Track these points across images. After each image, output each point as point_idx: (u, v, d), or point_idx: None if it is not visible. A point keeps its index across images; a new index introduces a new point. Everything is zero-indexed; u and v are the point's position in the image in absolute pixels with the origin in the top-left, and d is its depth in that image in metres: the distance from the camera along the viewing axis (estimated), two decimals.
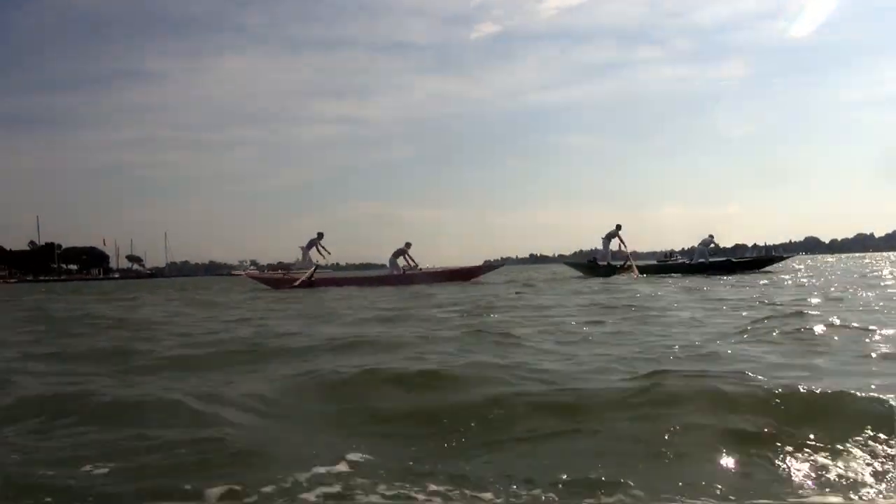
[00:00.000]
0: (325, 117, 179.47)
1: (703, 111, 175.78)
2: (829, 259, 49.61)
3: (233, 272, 28.92)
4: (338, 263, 19.61)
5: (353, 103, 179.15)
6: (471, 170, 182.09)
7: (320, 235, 18.76)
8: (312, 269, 18.22)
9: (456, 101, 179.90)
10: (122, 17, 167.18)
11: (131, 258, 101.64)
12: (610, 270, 19.32)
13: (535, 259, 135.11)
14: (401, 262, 18.49)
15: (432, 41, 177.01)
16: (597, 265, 20.12)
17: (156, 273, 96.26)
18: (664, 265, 21.91)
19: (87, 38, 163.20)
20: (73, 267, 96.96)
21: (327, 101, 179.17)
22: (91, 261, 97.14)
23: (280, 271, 20.20)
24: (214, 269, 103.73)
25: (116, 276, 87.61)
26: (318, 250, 18.64)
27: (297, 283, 17.44)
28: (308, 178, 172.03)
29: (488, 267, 21.22)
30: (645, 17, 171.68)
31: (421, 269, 18.46)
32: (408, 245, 18.64)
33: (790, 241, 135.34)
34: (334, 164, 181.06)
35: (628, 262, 19.89)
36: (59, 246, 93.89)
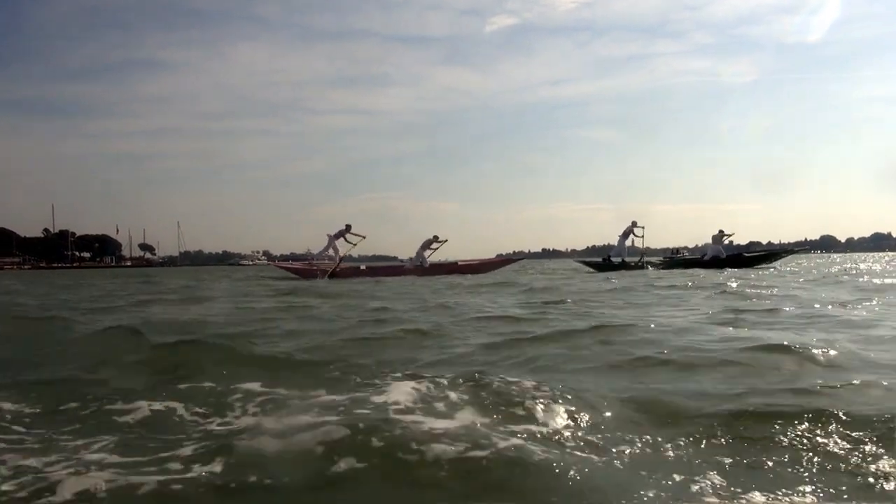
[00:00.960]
0: (339, 107, 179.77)
1: (721, 106, 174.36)
2: (836, 257, 48.76)
3: (241, 262, 29.54)
4: (350, 255, 19.87)
5: (368, 94, 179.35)
6: (484, 163, 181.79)
7: (348, 227, 19.06)
8: (339, 260, 18.72)
9: (470, 94, 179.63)
10: (139, 7, 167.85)
11: (143, 247, 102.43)
12: (624, 267, 19.22)
13: (547, 253, 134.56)
14: (427, 253, 19.02)
15: (448, 33, 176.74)
16: (611, 262, 19.94)
17: (168, 262, 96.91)
18: (677, 260, 21.70)
19: (103, 28, 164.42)
20: (86, 255, 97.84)
21: (341, 92, 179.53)
22: (103, 249, 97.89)
23: (308, 262, 20.32)
24: (227, 259, 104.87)
25: (128, 264, 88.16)
26: (346, 241, 18.99)
27: (327, 275, 17.54)
28: (321, 169, 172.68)
29: (511, 260, 22.01)
30: (662, 11, 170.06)
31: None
32: (435, 237, 19.16)
33: (805, 240, 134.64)
34: (347, 154, 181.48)
35: (642, 259, 19.87)
36: (73, 234, 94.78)
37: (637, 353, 3.32)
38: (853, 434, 1.97)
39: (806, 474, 1.75)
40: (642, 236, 20.19)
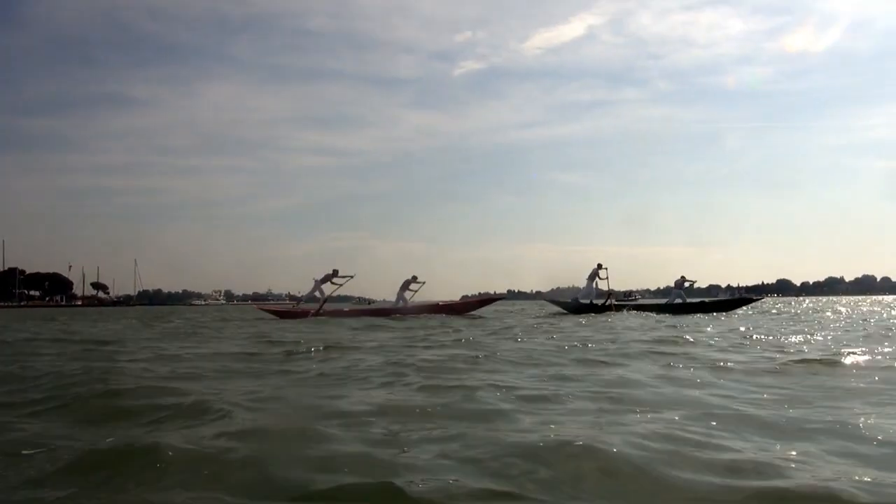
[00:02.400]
0: (309, 147, 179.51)
1: (683, 152, 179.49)
2: (805, 301, 49.86)
3: (193, 302, 28.93)
4: (315, 295, 19.55)
5: (339, 134, 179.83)
6: (452, 204, 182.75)
7: (335, 272, 19.33)
8: (322, 302, 19.00)
9: (439, 136, 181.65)
10: (109, 42, 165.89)
11: (96, 285, 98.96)
12: (593, 309, 19.72)
13: (513, 294, 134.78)
14: (408, 294, 19.37)
15: (418, 76, 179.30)
16: (580, 304, 20.24)
17: (122, 301, 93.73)
18: (644, 305, 22.51)
19: (72, 62, 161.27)
20: (35, 293, 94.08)
21: (312, 131, 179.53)
22: (54, 287, 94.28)
23: (291, 303, 20.66)
24: (186, 299, 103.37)
25: (79, 303, 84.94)
26: (332, 283, 19.25)
27: (311, 313, 18.16)
28: (289, 208, 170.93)
29: (491, 299, 22.40)
30: (627, 59, 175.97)
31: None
32: (414, 277, 19.54)
33: (762, 283, 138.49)
34: (315, 193, 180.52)
35: (610, 301, 20.28)
36: (23, 272, 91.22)
37: None
38: None
39: None
40: (606, 278, 20.60)
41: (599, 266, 20.48)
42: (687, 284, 21.81)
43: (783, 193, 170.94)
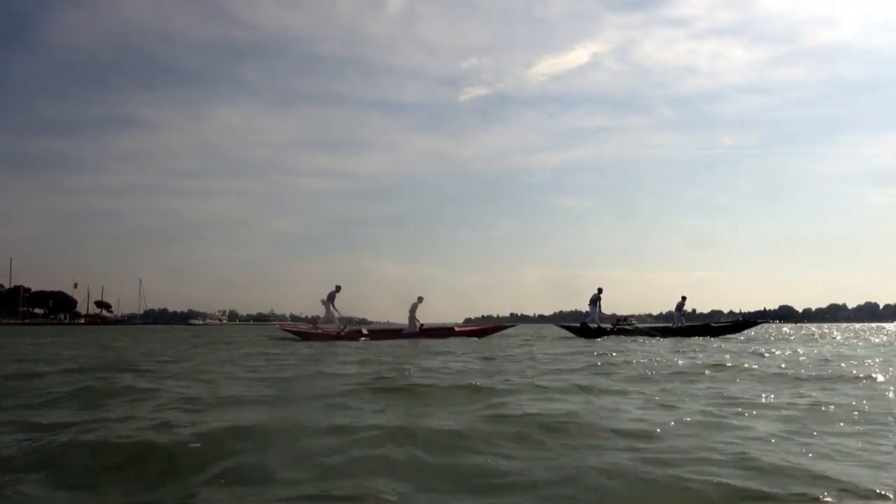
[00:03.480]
0: (315, 169, 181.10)
1: (687, 178, 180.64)
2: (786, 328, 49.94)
3: (191, 321, 29.16)
4: (317, 317, 19.78)
5: (345, 157, 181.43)
6: (456, 227, 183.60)
7: (338, 288, 19.07)
8: (344, 324, 18.98)
9: (445, 160, 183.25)
10: (121, 66, 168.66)
11: (100, 304, 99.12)
12: (600, 333, 19.86)
13: (515, 318, 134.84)
14: (418, 321, 19.30)
15: (424, 101, 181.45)
16: (588, 328, 20.42)
17: (125, 320, 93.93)
18: (643, 329, 21.89)
19: (84, 85, 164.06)
20: (39, 311, 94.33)
21: (318, 154, 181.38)
22: (58, 305, 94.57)
23: (311, 325, 20.72)
24: (191, 318, 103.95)
25: (82, 321, 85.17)
26: (333, 306, 19.01)
27: (332, 336, 18.08)
28: (294, 229, 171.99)
29: (503, 326, 22.75)
30: (631, 87, 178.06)
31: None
32: (420, 298, 19.53)
33: (765, 309, 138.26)
34: (321, 215, 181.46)
35: (617, 325, 20.55)
36: (28, 290, 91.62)
37: None
38: None
39: None
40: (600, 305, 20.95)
41: (600, 290, 20.88)
42: (688, 309, 22.37)
43: (786, 220, 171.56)
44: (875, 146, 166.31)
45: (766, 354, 10.04)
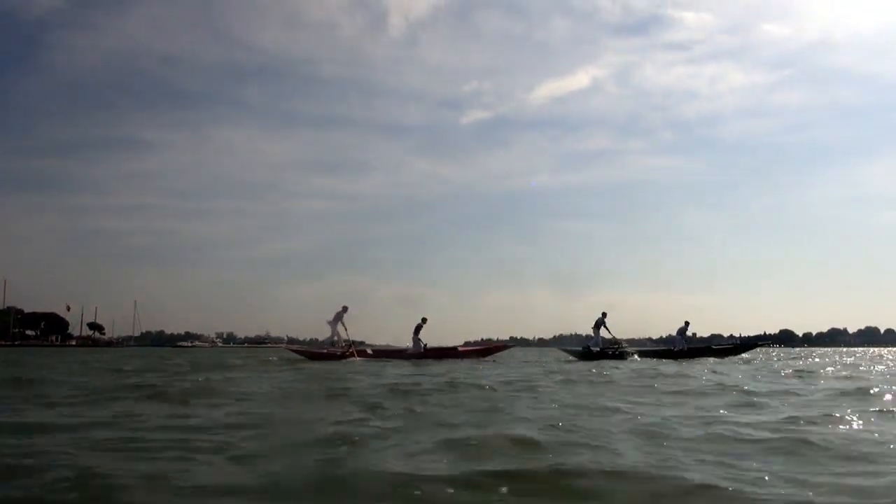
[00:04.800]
0: (316, 191, 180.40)
1: (688, 201, 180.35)
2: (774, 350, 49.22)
3: (178, 343, 29.66)
4: (316, 339, 20.60)
5: (346, 179, 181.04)
6: (456, 250, 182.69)
7: (345, 309, 19.38)
8: (348, 344, 19.20)
9: (446, 183, 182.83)
10: (123, 87, 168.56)
11: (93, 326, 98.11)
12: (603, 356, 20.06)
13: (515, 341, 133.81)
14: (422, 341, 19.62)
15: (425, 123, 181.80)
16: (591, 352, 20.70)
17: (117, 342, 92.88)
18: (647, 351, 22.56)
19: (86, 106, 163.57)
20: (31, 333, 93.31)
21: (319, 176, 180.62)
22: (50, 327, 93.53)
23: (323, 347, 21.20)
24: (188, 340, 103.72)
25: (73, 343, 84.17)
26: (342, 324, 19.33)
27: (352, 356, 18.47)
28: (294, 250, 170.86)
29: (504, 346, 23.21)
30: (632, 110, 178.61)
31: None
32: (424, 320, 19.77)
33: (765, 333, 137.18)
34: (321, 237, 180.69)
35: (619, 348, 20.65)
36: (21, 311, 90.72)
37: None
38: None
39: None
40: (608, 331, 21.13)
41: (604, 315, 21.13)
42: (690, 333, 22.42)
43: (786, 244, 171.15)
44: (875, 170, 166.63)
45: None
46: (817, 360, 21.96)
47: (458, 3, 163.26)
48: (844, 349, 73.41)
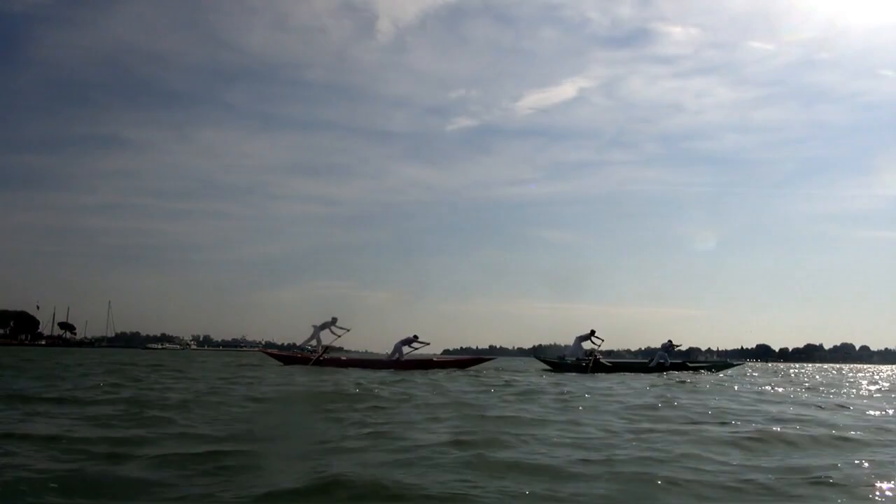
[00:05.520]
0: (299, 194, 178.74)
1: (670, 214, 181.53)
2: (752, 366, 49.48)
3: (148, 346, 30.32)
4: (294, 343, 20.86)
5: (329, 183, 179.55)
6: (439, 258, 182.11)
7: (334, 319, 19.90)
8: (323, 349, 19.58)
9: (430, 189, 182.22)
10: (106, 84, 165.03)
11: (64, 325, 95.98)
12: (576, 368, 20.31)
13: (494, 350, 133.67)
14: (405, 349, 19.94)
15: (411, 130, 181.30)
16: (565, 362, 21.07)
17: (90, 342, 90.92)
18: (628, 363, 23.39)
19: (68, 103, 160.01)
20: (1, 331, 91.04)
21: (302, 180, 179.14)
22: (19, 326, 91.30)
23: (297, 351, 22.02)
24: (165, 342, 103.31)
25: (43, 343, 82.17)
26: (332, 332, 19.87)
27: (311, 361, 18.83)
28: (275, 254, 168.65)
29: (483, 359, 23.03)
30: (617, 122, 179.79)
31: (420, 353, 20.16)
32: (415, 337, 20.03)
33: (742, 348, 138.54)
34: (302, 241, 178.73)
35: (590, 363, 20.58)
36: None
37: None
38: None
39: None
40: (599, 346, 21.29)
41: (593, 332, 21.20)
42: (675, 349, 22.60)
43: (765, 259, 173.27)
44: (853, 188, 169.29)
45: None
46: (767, 386, 21.57)
47: (447, 10, 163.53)
48: (811, 365, 74.17)
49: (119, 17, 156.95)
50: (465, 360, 21.52)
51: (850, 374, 27.45)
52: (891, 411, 7.71)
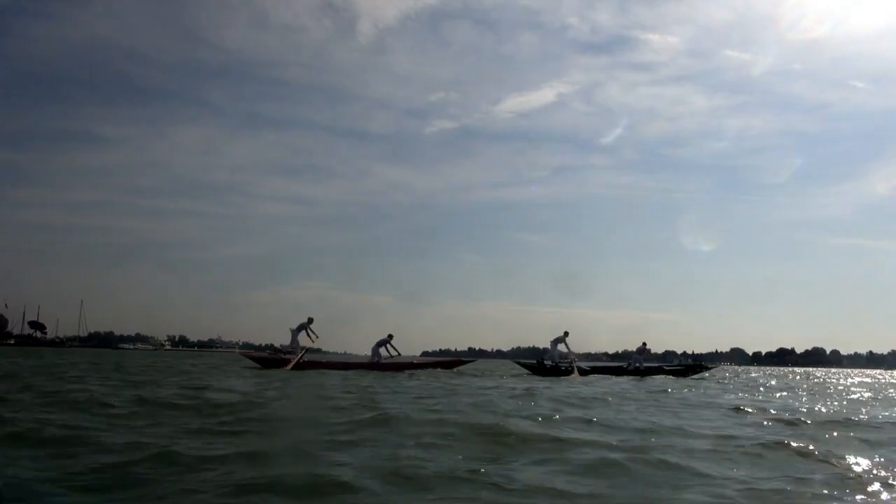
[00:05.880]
0: (278, 194, 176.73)
1: (647, 219, 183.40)
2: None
3: (120, 346, 29.21)
4: (271, 344, 21.39)
5: (308, 184, 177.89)
6: (416, 260, 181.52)
7: (310, 320, 19.55)
8: (303, 352, 19.24)
9: (409, 191, 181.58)
10: (82, 80, 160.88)
11: (34, 324, 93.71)
12: (555, 371, 20.41)
13: (473, 353, 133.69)
14: (382, 351, 19.79)
15: (390, 131, 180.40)
16: (543, 365, 21.05)
17: (61, 342, 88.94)
18: (604, 367, 23.02)
19: (41, 97, 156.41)
20: None
21: (281, 179, 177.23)
22: None
23: (269, 352, 21.17)
24: (138, 342, 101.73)
25: (11, 342, 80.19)
26: (307, 334, 19.49)
27: (289, 365, 18.21)
28: (252, 254, 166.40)
29: (463, 361, 22.70)
30: (595, 127, 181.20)
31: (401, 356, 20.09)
32: (390, 336, 19.95)
33: (716, 351, 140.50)
34: (280, 242, 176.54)
35: (571, 365, 20.74)
36: None
37: None
38: None
39: None
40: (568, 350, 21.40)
41: (566, 333, 21.31)
42: (651, 352, 23.03)
43: (739, 265, 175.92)
44: (826, 197, 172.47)
45: None
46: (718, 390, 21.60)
47: (427, 13, 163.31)
48: (782, 370, 75.52)
49: (96, 12, 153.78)
50: (445, 361, 21.76)
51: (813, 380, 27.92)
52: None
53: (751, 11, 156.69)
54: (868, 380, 29.64)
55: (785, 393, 13.15)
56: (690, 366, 24.43)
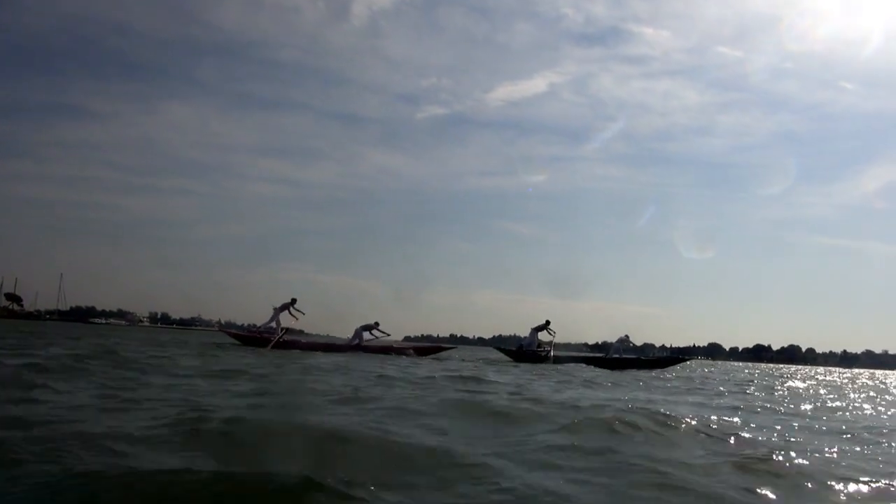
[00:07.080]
0: (267, 175, 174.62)
1: (633, 213, 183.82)
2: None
3: (91, 320, 29.49)
4: (255, 324, 20.83)
5: (298, 166, 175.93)
6: (403, 245, 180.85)
7: (293, 301, 19.77)
8: (283, 331, 19.41)
9: (399, 176, 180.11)
10: (72, 53, 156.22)
11: (10, 297, 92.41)
12: (534, 357, 21.00)
13: (455, 339, 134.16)
14: (366, 335, 20.05)
15: (382, 115, 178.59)
16: (523, 352, 21.58)
17: (38, 315, 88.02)
18: (584, 357, 23.61)
19: (30, 69, 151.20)
20: None
21: (271, 161, 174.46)
22: None
23: (251, 330, 21.35)
24: (121, 317, 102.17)
25: None
26: (290, 313, 19.70)
27: (270, 344, 18.36)
28: (239, 234, 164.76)
29: (443, 347, 23.12)
30: (586, 119, 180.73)
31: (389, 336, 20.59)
32: (376, 323, 20.25)
33: (694, 346, 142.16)
34: (268, 223, 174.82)
35: (549, 352, 21.33)
36: None
37: None
38: None
39: None
40: (552, 338, 21.93)
41: (547, 322, 21.76)
42: (629, 344, 23.56)
43: (721, 260, 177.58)
44: (812, 196, 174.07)
45: None
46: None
47: None
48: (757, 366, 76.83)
49: None
50: (426, 347, 22.05)
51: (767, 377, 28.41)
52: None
53: (745, 9, 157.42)
54: (825, 378, 30.16)
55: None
56: (669, 358, 25.16)
